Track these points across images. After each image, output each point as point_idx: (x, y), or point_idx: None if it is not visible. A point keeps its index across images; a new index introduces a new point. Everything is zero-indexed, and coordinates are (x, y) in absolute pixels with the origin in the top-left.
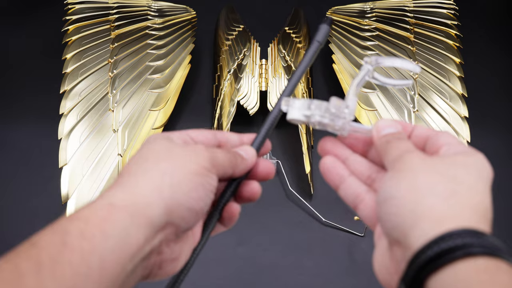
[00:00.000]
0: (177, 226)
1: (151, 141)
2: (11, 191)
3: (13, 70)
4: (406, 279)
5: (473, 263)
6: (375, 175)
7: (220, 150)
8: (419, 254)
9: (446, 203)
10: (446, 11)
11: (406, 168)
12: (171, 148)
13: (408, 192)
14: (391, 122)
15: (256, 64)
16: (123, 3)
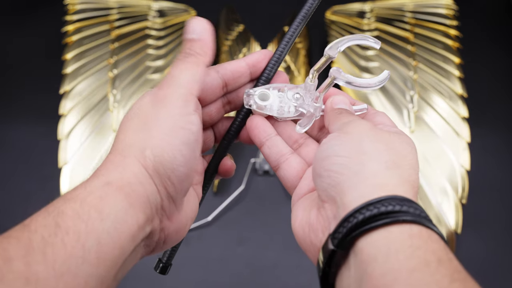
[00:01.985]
0: (175, 197)
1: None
2: (11, 190)
3: (13, 70)
4: (336, 235)
5: (408, 228)
6: (303, 140)
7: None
8: (355, 213)
9: (388, 172)
10: (446, 11)
11: (354, 132)
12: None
13: (353, 153)
14: (346, 100)
15: None
16: (123, 3)
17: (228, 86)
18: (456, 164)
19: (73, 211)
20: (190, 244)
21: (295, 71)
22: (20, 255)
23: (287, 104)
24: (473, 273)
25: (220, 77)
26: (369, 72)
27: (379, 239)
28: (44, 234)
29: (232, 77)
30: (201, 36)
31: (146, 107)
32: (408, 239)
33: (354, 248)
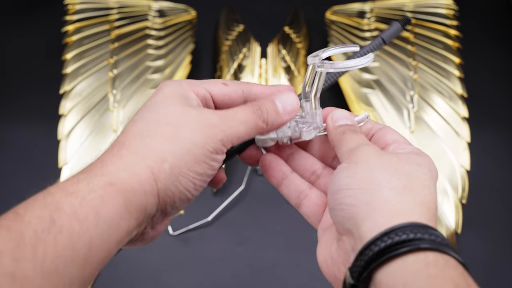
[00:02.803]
0: (167, 212)
1: (165, 99)
2: (11, 190)
3: (13, 70)
4: (355, 269)
5: (423, 256)
6: (320, 171)
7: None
8: (371, 245)
9: (400, 197)
10: (446, 11)
11: (362, 160)
12: (181, 118)
13: (363, 184)
14: (346, 114)
15: (256, 64)
16: (123, 3)
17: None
18: (456, 164)
19: (71, 208)
20: (190, 244)
21: (295, 71)
22: (9, 249)
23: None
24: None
25: (244, 96)
26: (369, 72)
27: (396, 270)
28: (37, 229)
29: (253, 101)
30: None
31: (184, 109)
32: (424, 268)
33: (373, 280)
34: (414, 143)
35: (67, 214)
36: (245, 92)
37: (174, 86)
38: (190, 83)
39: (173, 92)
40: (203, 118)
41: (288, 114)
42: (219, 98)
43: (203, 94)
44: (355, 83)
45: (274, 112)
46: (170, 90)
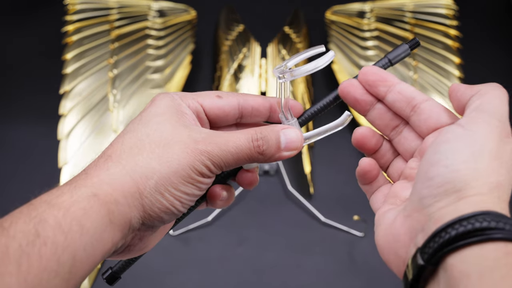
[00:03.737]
0: (155, 226)
1: (158, 114)
2: (11, 190)
3: (13, 70)
4: (426, 250)
5: (503, 246)
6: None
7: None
8: (448, 228)
9: (490, 192)
10: (445, 11)
11: (479, 134)
12: (171, 138)
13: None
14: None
15: (256, 64)
16: (123, 3)
17: (242, 118)
18: None
19: (55, 220)
20: (190, 244)
21: None
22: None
23: None
24: None
25: (240, 108)
26: None
27: (472, 256)
28: (22, 242)
29: (250, 113)
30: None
31: (176, 127)
32: (503, 257)
33: (443, 264)
34: None
35: (51, 226)
36: (241, 104)
37: (167, 100)
38: (183, 96)
39: (167, 106)
40: (193, 141)
41: (289, 152)
42: (212, 111)
43: (195, 107)
44: None
45: (276, 146)
46: (163, 104)
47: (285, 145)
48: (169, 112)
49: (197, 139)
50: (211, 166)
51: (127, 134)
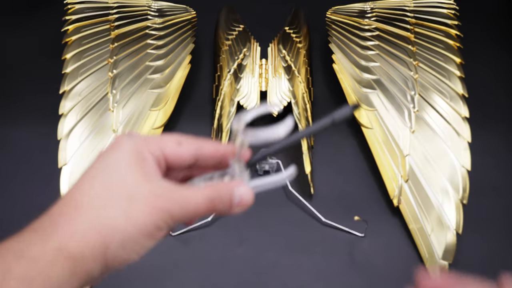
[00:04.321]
0: (110, 269)
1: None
2: (11, 191)
3: (13, 70)
4: None
5: None
6: None
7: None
8: None
9: None
10: (446, 11)
11: None
12: (135, 192)
13: None
14: None
15: (256, 64)
16: (123, 3)
17: (196, 163)
18: (457, 165)
19: (21, 272)
20: (190, 245)
21: (296, 71)
22: None
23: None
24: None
25: (195, 155)
26: (369, 72)
27: None
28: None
29: (204, 160)
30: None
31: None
32: None
33: None
34: (415, 143)
35: (16, 279)
36: (197, 152)
37: (130, 145)
38: (146, 142)
39: (130, 152)
40: (155, 197)
41: (239, 208)
42: (171, 157)
43: (157, 155)
44: (356, 83)
45: (229, 205)
46: (127, 149)
47: (238, 203)
48: (132, 161)
49: (159, 194)
50: (171, 223)
51: (93, 180)
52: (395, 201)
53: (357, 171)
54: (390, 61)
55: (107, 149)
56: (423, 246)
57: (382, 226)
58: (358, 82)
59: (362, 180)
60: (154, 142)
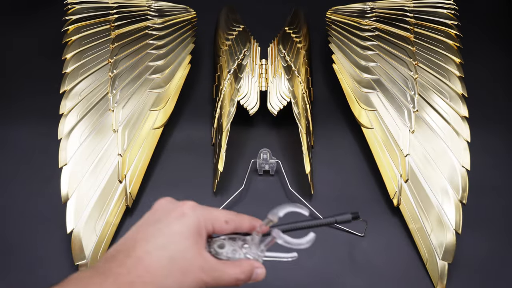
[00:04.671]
0: None
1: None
2: (11, 191)
3: (13, 70)
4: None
5: None
6: None
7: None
8: None
9: None
10: (446, 11)
11: None
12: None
13: None
14: None
15: (256, 64)
16: (123, 3)
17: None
18: (457, 164)
19: None
20: None
21: (295, 71)
22: None
23: (239, 250)
24: (473, 273)
25: (234, 230)
26: (369, 72)
27: None
28: None
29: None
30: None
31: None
32: None
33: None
34: (415, 143)
35: None
36: (237, 228)
37: (194, 221)
38: (204, 218)
39: (193, 228)
40: (201, 271)
41: (252, 280)
42: (216, 231)
43: (209, 230)
44: (356, 83)
45: (248, 278)
46: (191, 225)
47: (253, 278)
48: (194, 238)
49: (205, 270)
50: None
51: (162, 251)
52: (395, 201)
53: (357, 171)
54: (390, 61)
55: (173, 216)
56: (423, 246)
57: (382, 226)
58: (358, 82)
59: (362, 180)
60: (209, 220)
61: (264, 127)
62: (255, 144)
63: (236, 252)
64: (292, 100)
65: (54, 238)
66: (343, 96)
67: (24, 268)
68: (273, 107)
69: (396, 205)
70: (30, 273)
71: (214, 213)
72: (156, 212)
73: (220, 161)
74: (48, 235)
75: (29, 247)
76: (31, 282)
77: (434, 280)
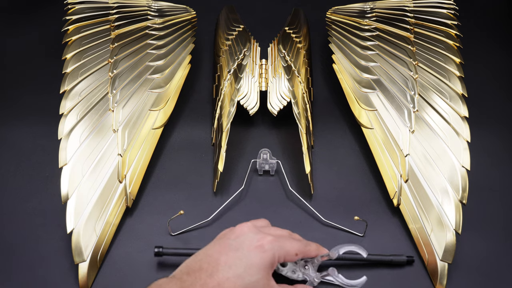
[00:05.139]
0: None
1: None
2: (11, 191)
3: (13, 70)
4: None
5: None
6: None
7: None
8: None
9: None
10: (446, 11)
11: None
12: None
13: None
14: None
15: (256, 64)
16: (123, 3)
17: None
18: (457, 164)
19: None
20: (190, 244)
21: (295, 71)
22: None
23: (298, 271)
24: (473, 273)
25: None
26: (369, 73)
27: None
28: None
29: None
30: None
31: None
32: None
33: None
34: (415, 143)
35: None
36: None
37: (271, 255)
38: (280, 253)
39: (269, 261)
40: None
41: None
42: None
43: (280, 262)
44: (356, 83)
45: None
46: (269, 259)
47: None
48: (267, 269)
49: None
50: None
51: (239, 280)
52: (395, 201)
53: (357, 171)
54: (390, 61)
55: (254, 248)
56: (423, 246)
57: (382, 226)
58: (358, 82)
59: (362, 180)
60: (282, 255)
61: (264, 127)
62: (255, 144)
63: (295, 272)
64: (292, 100)
65: (54, 238)
66: (343, 96)
67: (24, 268)
68: (273, 107)
69: (396, 205)
70: (30, 273)
71: (287, 247)
72: (238, 238)
73: (220, 161)
74: (48, 235)
75: (29, 247)
76: (31, 282)
77: (434, 280)
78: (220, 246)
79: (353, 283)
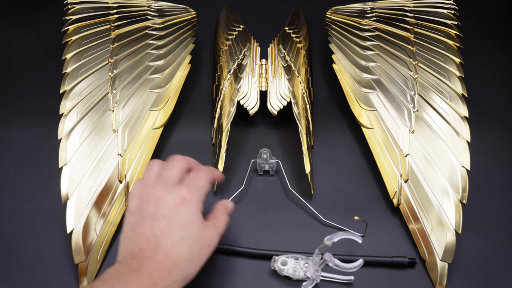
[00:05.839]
0: None
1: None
2: (11, 191)
3: (13, 70)
4: None
5: None
6: None
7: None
8: None
9: None
10: (446, 11)
11: None
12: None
13: None
14: None
15: (256, 64)
16: (123, 3)
17: None
18: (457, 164)
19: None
20: None
21: (295, 71)
22: None
23: (299, 269)
24: (473, 273)
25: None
26: (369, 73)
27: None
28: None
29: None
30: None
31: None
32: None
33: None
34: (415, 143)
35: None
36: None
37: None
38: (202, 192)
39: (198, 211)
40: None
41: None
42: None
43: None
44: (356, 83)
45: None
46: (196, 209)
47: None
48: (199, 217)
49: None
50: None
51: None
52: (395, 201)
53: (357, 171)
54: (390, 61)
55: (177, 206)
56: (423, 246)
57: (382, 226)
58: (358, 82)
59: (362, 180)
60: (203, 194)
61: (264, 127)
62: (255, 144)
63: (296, 271)
64: (292, 100)
65: (54, 238)
66: (343, 96)
67: (24, 268)
68: (273, 107)
69: (396, 205)
70: (31, 273)
71: (201, 186)
72: (157, 205)
73: (220, 161)
74: (48, 235)
75: (29, 247)
76: (31, 282)
77: (434, 280)
78: (147, 221)
79: (349, 266)
